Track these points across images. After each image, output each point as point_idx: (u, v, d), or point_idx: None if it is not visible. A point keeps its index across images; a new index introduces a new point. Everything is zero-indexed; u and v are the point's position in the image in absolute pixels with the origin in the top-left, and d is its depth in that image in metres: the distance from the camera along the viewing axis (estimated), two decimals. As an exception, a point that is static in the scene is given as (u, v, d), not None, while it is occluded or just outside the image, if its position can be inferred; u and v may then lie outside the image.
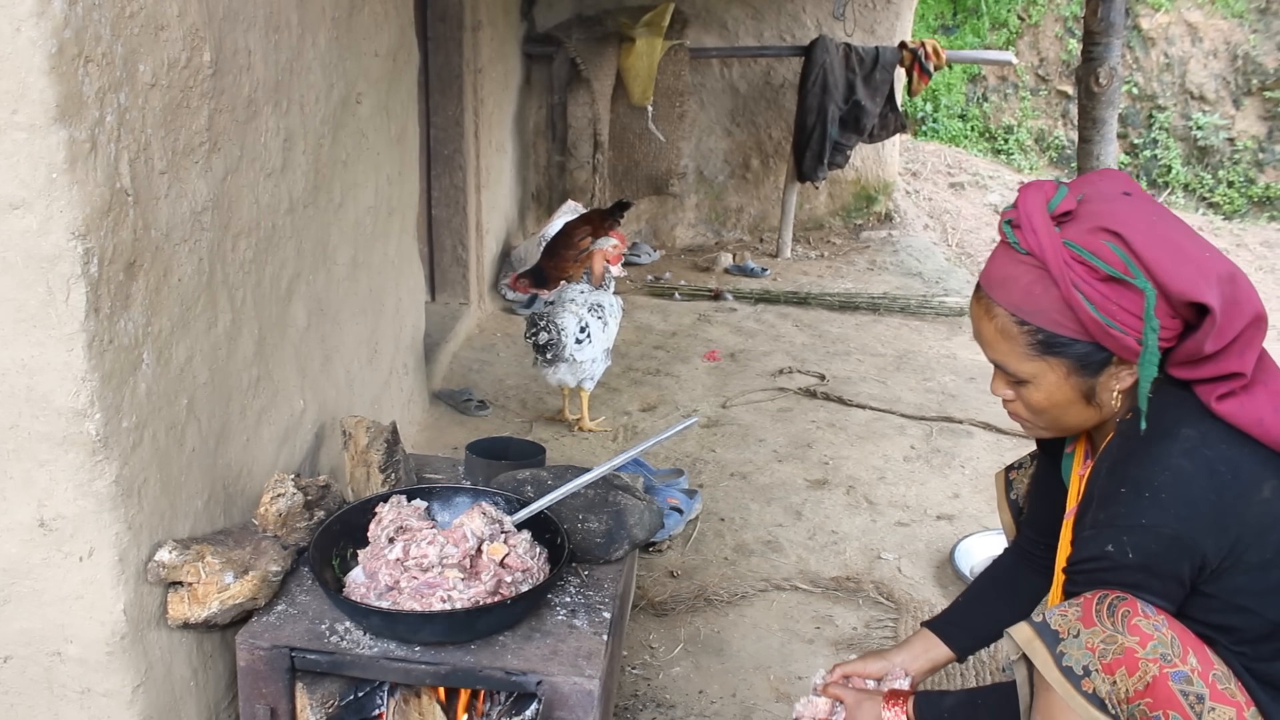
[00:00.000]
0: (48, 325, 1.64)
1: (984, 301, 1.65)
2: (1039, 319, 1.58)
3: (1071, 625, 1.54)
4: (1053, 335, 1.58)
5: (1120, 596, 1.53)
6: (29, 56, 1.51)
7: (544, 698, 1.92)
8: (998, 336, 1.64)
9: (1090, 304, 1.53)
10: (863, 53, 6.33)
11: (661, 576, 3.11)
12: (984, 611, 2.09)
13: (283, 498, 2.11)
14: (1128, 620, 1.50)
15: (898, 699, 1.89)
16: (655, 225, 6.99)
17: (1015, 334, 1.61)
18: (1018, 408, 1.72)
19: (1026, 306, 1.58)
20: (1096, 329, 1.54)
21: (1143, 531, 1.52)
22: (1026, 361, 1.62)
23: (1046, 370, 1.61)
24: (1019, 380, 1.66)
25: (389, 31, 3.16)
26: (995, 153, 9.66)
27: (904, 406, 4.42)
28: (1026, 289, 1.58)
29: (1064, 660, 1.53)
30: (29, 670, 1.87)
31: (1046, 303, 1.57)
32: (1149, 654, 1.47)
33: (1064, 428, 1.72)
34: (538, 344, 3.83)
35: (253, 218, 2.19)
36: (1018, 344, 1.61)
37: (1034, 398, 1.66)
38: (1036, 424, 1.73)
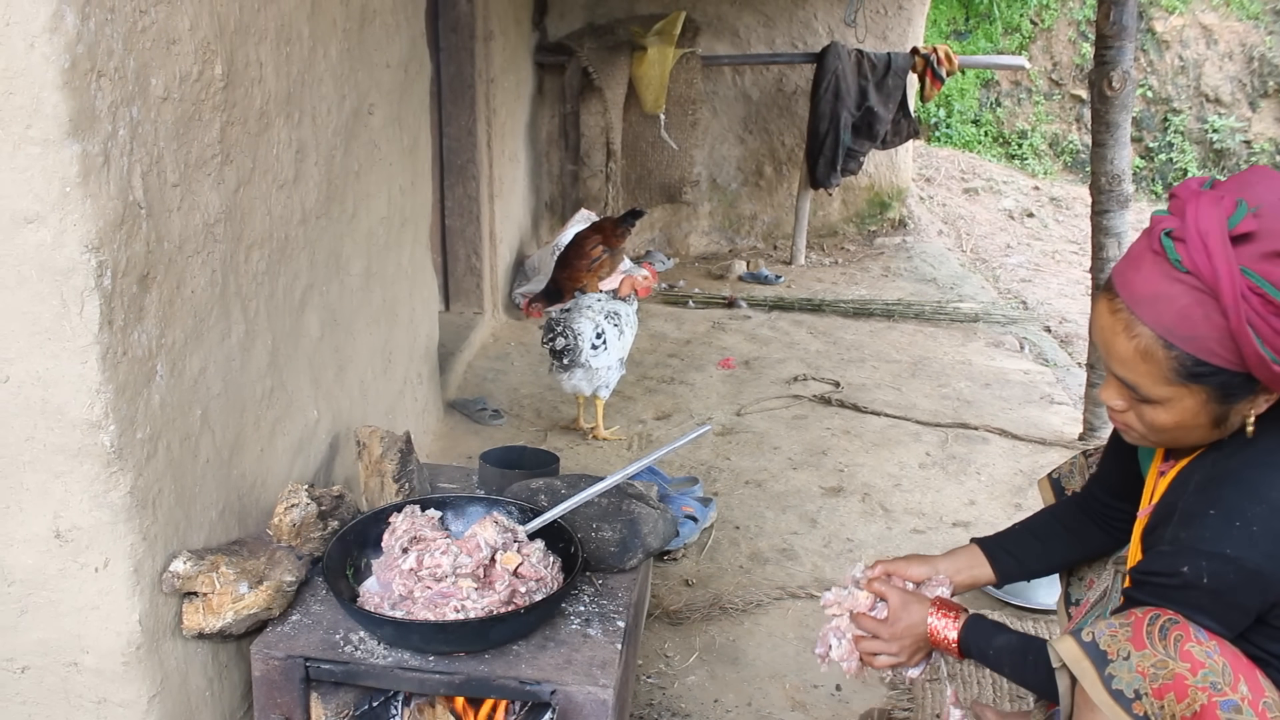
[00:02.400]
0: (62, 338, 1.65)
1: (1123, 317, 1.51)
2: (1191, 346, 1.46)
3: (1121, 647, 1.49)
4: (1202, 364, 1.46)
5: (1173, 619, 1.48)
6: (42, 72, 1.52)
7: (558, 707, 1.92)
8: (1137, 358, 1.51)
9: (1260, 339, 1.41)
10: (875, 59, 6.33)
11: (676, 585, 3.10)
12: (1039, 547, 2.05)
13: (296, 508, 2.12)
14: (1180, 645, 1.46)
15: (949, 610, 1.86)
16: (669, 233, 7.00)
17: (1160, 358, 1.49)
18: (1130, 419, 1.61)
19: (1179, 331, 1.45)
20: (1257, 363, 1.43)
21: (1225, 562, 1.46)
22: (1164, 385, 1.51)
23: (1185, 395, 1.50)
24: (1146, 399, 1.55)
25: (400, 43, 3.17)
26: (1009, 158, 9.64)
27: (919, 413, 4.41)
28: (1183, 312, 1.45)
29: (1113, 684, 1.48)
30: (46, 680, 1.88)
31: (1206, 330, 1.44)
32: (1199, 681, 1.43)
33: (1179, 444, 1.62)
34: (554, 349, 3.83)
35: (265, 229, 2.21)
36: (1159, 367, 1.49)
37: (1159, 418, 1.55)
38: (1149, 438, 1.63)
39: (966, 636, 1.84)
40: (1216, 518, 1.49)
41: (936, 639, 1.87)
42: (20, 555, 1.79)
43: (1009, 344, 5.35)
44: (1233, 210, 1.43)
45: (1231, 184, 1.50)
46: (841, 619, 2.00)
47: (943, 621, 1.86)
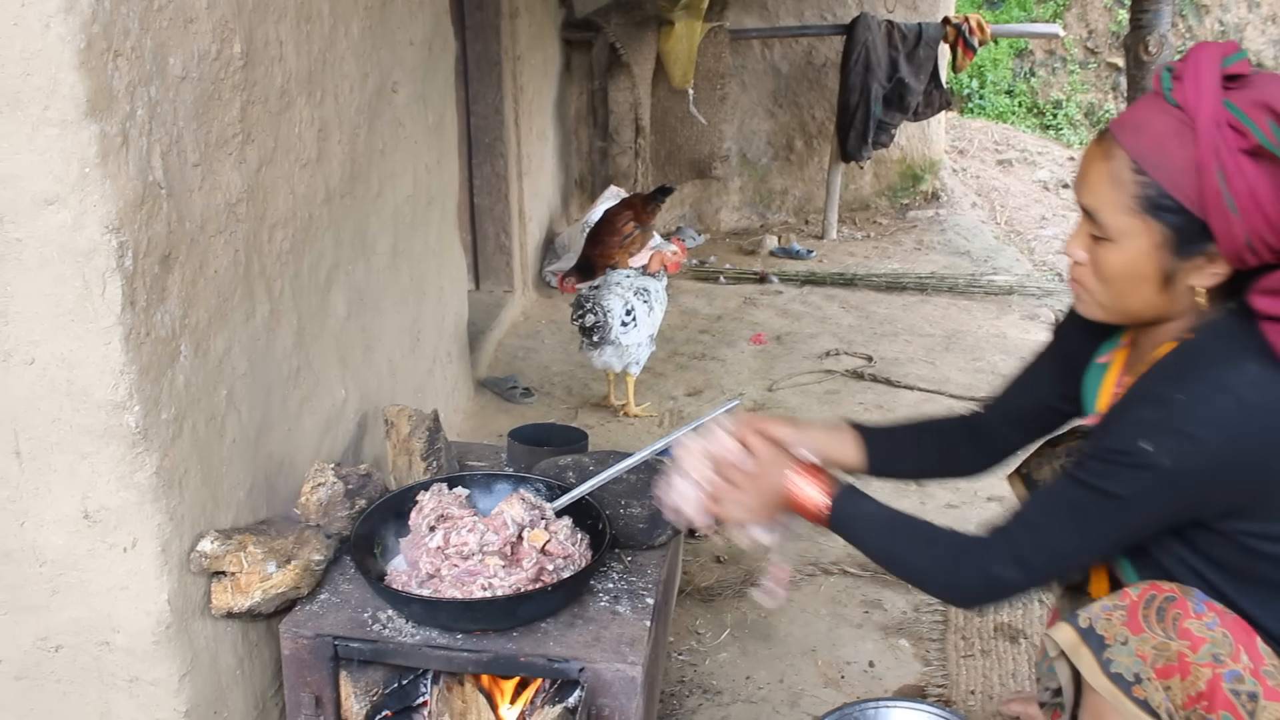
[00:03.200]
0: (85, 319, 1.65)
1: (1106, 142, 1.54)
2: (1159, 174, 1.46)
3: (1118, 631, 1.50)
4: (1165, 195, 1.46)
5: (1170, 596, 1.49)
6: (58, 53, 1.51)
7: (587, 684, 1.91)
8: (1106, 180, 1.52)
9: (1222, 174, 1.41)
10: (905, 29, 6.25)
11: (708, 562, 3.09)
12: (913, 453, 2.01)
13: (323, 487, 2.12)
14: (1178, 624, 1.46)
15: (817, 475, 1.77)
16: (699, 209, 6.96)
17: (1127, 182, 1.49)
18: (1085, 273, 1.61)
19: (1152, 157, 1.47)
20: (1215, 202, 1.42)
21: (1192, 444, 1.43)
22: (1124, 215, 1.50)
23: (1140, 232, 1.50)
24: (1102, 237, 1.54)
25: (423, 20, 3.15)
26: (1044, 128, 9.50)
27: (953, 387, 4.36)
28: (1160, 139, 1.47)
29: (1111, 667, 1.49)
30: (79, 659, 1.89)
31: (1176, 160, 1.45)
32: (1201, 658, 1.43)
33: (1124, 307, 1.59)
34: (584, 326, 3.82)
35: (289, 208, 2.20)
36: (1124, 193, 1.50)
37: (1111, 260, 1.54)
38: (1098, 297, 1.61)
39: (840, 501, 1.74)
40: (1185, 401, 1.45)
41: (799, 501, 1.76)
42: (50, 536, 1.80)
43: (1044, 316, 5.29)
44: (1231, 53, 1.45)
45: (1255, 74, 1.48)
46: (697, 462, 1.84)
47: (809, 485, 1.76)
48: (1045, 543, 1.58)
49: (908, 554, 1.71)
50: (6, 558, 1.82)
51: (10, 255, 1.62)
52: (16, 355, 1.68)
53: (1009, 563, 1.59)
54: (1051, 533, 1.57)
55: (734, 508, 1.81)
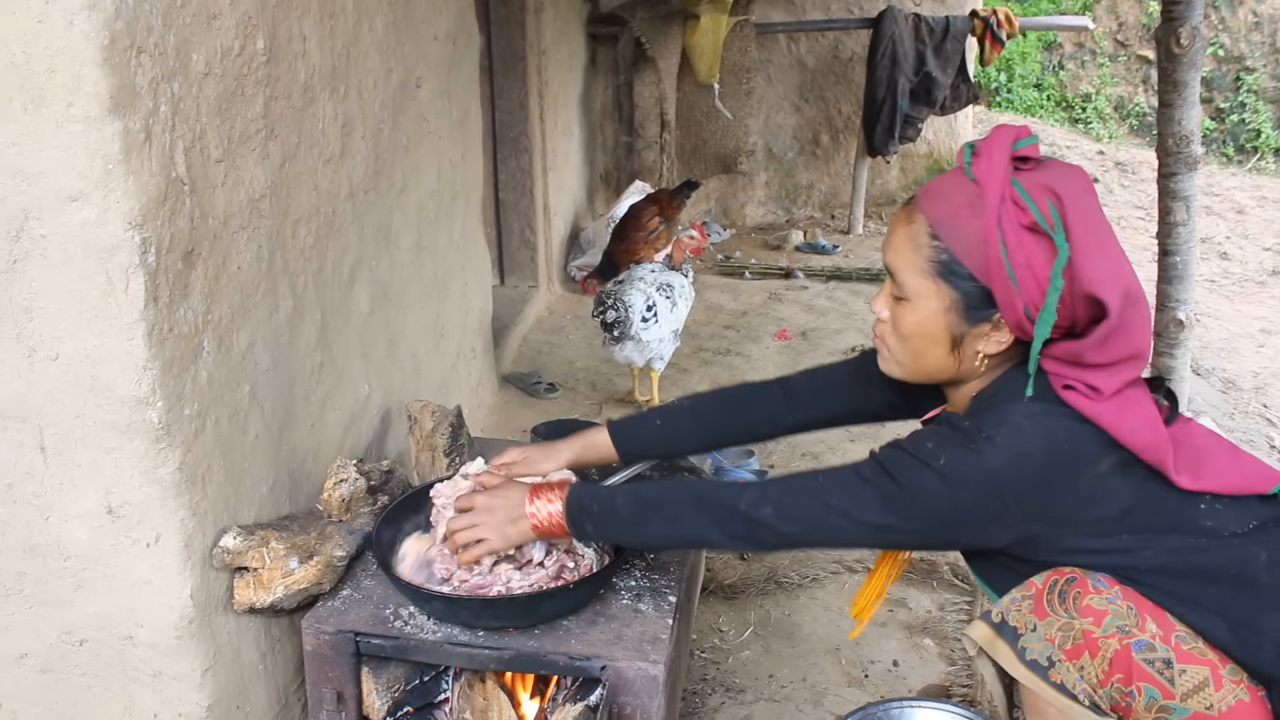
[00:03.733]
0: (108, 315, 1.65)
1: (910, 208, 1.64)
2: (951, 239, 1.56)
3: (1026, 619, 1.56)
4: (955, 261, 1.56)
5: (1070, 578, 1.54)
6: (82, 49, 1.52)
7: (608, 683, 1.90)
8: (905, 242, 1.61)
9: (1004, 245, 1.51)
10: (933, 23, 6.21)
11: (731, 559, 3.08)
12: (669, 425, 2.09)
13: (345, 483, 2.12)
14: (1079, 602, 1.51)
15: (549, 490, 1.84)
16: (725, 204, 6.94)
17: (923, 245, 1.59)
18: (885, 330, 1.69)
19: (946, 224, 1.57)
20: (997, 272, 1.52)
21: (967, 454, 1.52)
22: (919, 276, 1.60)
23: (932, 294, 1.59)
24: (901, 296, 1.63)
25: (448, 15, 3.15)
26: (1072, 122, 9.42)
27: (979, 383, 4.32)
28: (954, 209, 1.56)
29: (1027, 655, 1.54)
30: (103, 654, 1.90)
31: (967, 229, 1.54)
32: (1105, 630, 1.49)
33: (919, 367, 1.68)
34: (605, 321, 3.81)
35: (312, 204, 2.20)
36: (920, 255, 1.59)
37: (906, 320, 1.63)
38: (896, 355, 1.70)
39: (571, 506, 1.81)
40: (969, 427, 1.56)
41: (541, 522, 1.83)
42: (74, 530, 1.81)
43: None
44: (1024, 137, 1.56)
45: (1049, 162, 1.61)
46: (447, 510, 1.99)
47: (543, 502, 1.83)
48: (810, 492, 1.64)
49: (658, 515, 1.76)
50: (31, 552, 1.83)
51: (35, 251, 1.63)
52: (41, 351, 1.69)
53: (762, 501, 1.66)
54: (821, 485, 1.64)
55: (477, 546, 1.88)
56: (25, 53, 1.52)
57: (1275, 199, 7.58)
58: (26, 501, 1.80)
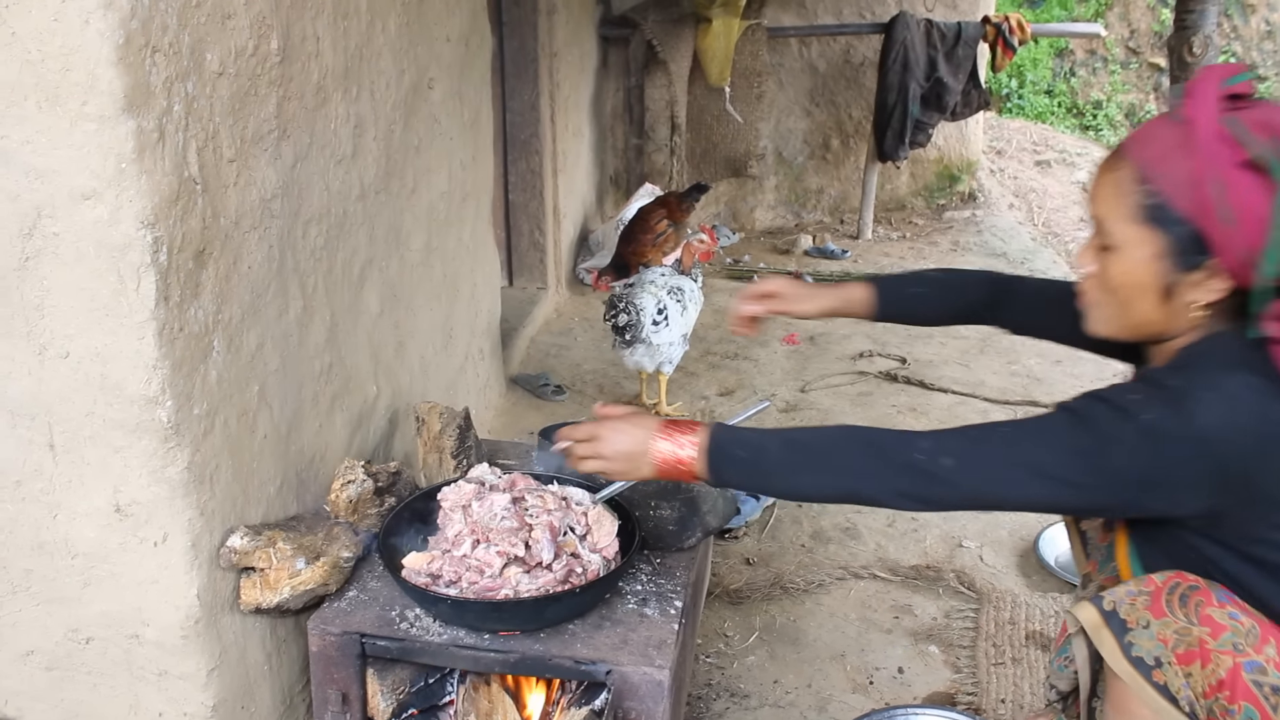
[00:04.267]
0: (119, 314, 1.65)
1: (1115, 155, 1.58)
2: (1160, 183, 1.49)
3: (1140, 615, 1.49)
4: (1165, 205, 1.49)
5: (1194, 585, 1.48)
6: (97, 48, 1.52)
7: (613, 687, 1.90)
8: (1111, 189, 1.55)
9: (1218, 184, 1.45)
10: (944, 28, 6.19)
11: (737, 564, 3.07)
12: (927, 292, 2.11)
13: (353, 484, 2.12)
14: (1200, 610, 1.46)
15: (682, 431, 1.67)
16: (734, 207, 6.93)
17: (1130, 190, 1.52)
18: (1092, 284, 1.63)
19: (1154, 167, 1.50)
20: (1211, 213, 1.45)
21: (1176, 413, 1.43)
22: (1126, 224, 1.53)
23: (1141, 241, 1.52)
24: (1107, 246, 1.57)
25: (460, 16, 3.15)
26: (1083, 129, 9.40)
27: (987, 390, 4.32)
28: (1163, 151, 1.50)
29: (1133, 650, 1.48)
30: (110, 652, 1.90)
31: (1177, 170, 1.48)
32: (1221, 645, 1.43)
33: (1128, 321, 1.60)
34: (616, 325, 3.80)
35: (323, 204, 2.20)
36: (1126, 201, 1.53)
37: (1114, 270, 1.57)
38: (1103, 308, 1.63)
39: (712, 451, 1.64)
40: (1178, 387, 1.47)
41: (668, 462, 1.67)
42: (82, 529, 1.81)
43: (1082, 320, 5.22)
44: (1235, 74, 1.49)
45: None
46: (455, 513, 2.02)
47: (672, 444, 1.66)
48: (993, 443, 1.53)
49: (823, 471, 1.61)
50: (39, 550, 1.83)
51: (47, 249, 1.63)
52: (52, 349, 1.69)
53: (939, 451, 1.54)
54: (1005, 437, 1.53)
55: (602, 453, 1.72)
56: (40, 51, 1.52)
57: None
58: (35, 499, 1.80)
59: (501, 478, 2.20)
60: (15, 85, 1.54)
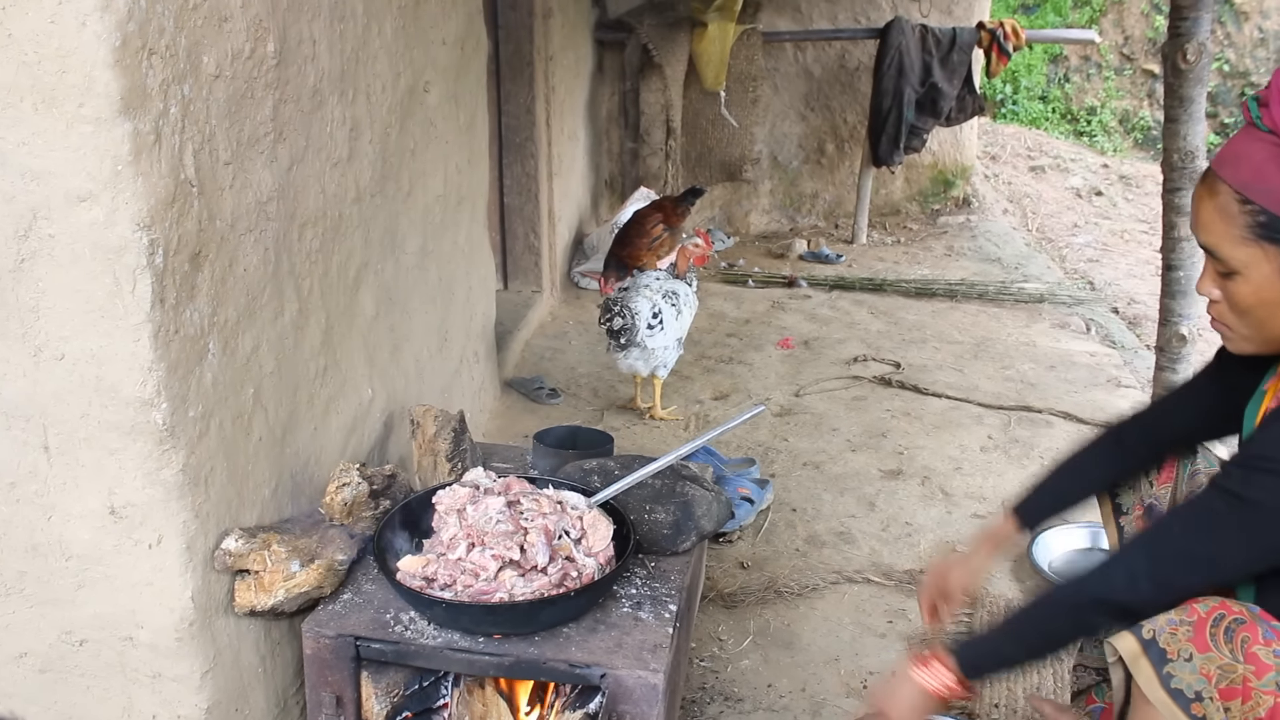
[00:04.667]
0: (115, 316, 1.65)
1: (1209, 180, 1.54)
2: (1265, 199, 1.47)
3: (1183, 647, 1.47)
4: (1275, 219, 1.47)
5: (1239, 619, 1.45)
6: (94, 50, 1.52)
7: (608, 690, 1.90)
8: (1216, 216, 1.52)
9: None
10: (939, 34, 6.21)
11: (731, 567, 3.08)
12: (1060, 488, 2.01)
13: (348, 487, 2.12)
14: (1246, 647, 1.43)
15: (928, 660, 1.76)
16: (729, 211, 6.94)
17: (1235, 213, 1.50)
18: (1222, 310, 1.60)
19: (1255, 184, 1.48)
20: None
21: None
22: (1241, 246, 1.50)
23: (1261, 259, 1.50)
24: (1228, 272, 1.54)
25: (456, 19, 3.15)
26: (1077, 135, 9.42)
27: (981, 395, 4.33)
28: (1259, 166, 1.48)
29: (1172, 683, 1.46)
30: (103, 654, 1.90)
31: (1278, 182, 1.46)
32: (1265, 684, 1.41)
33: (1268, 337, 1.57)
34: (611, 329, 3.81)
35: (319, 207, 2.20)
36: (1235, 225, 1.50)
37: (1241, 292, 1.54)
38: (1240, 329, 1.60)
39: (968, 670, 1.72)
40: None
41: (938, 690, 1.75)
42: (77, 530, 1.81)
43: (1075, 325, 5.24)
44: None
45: None
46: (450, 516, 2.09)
47: (930, 671, 1.75)
48: (1174, 551, 1.55)
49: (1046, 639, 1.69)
50: (33, 551, 1.83)
51: (43, 251, 1.63)
52: (47, 350, 1.69)
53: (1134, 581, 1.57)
54: (1182, 539, 1.54)
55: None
56: (37, 53, 1.52)
57: (1279, 215, 7.57)
58: (29, 501, 1.80)
59: (496, 481, 2.20)
60: (11, 87, 1.54)
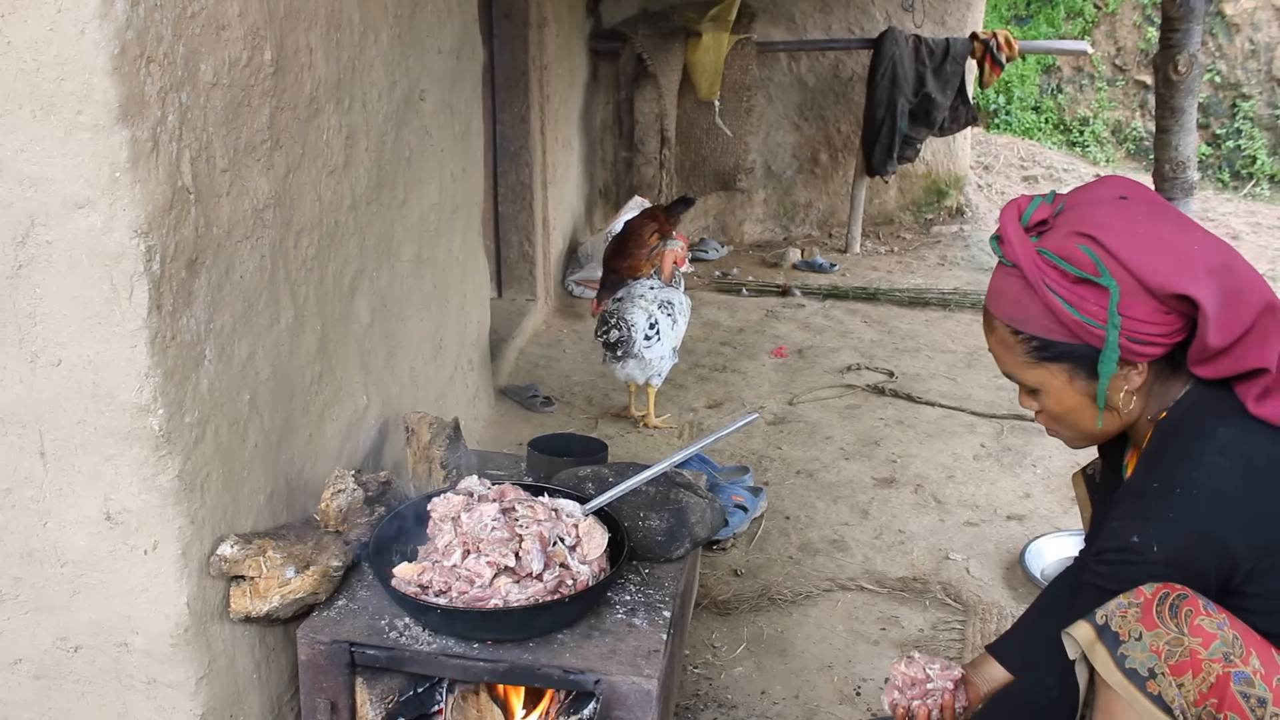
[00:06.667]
0: (112, 322, 1.66)
1: (987, 317, 1.70)
2: (1029, 326, 1.61)
3: (1132, 627, 1.51)
4: (1045, 341, 1.61)
5: (1182, 595, 1.50)
6: (93, 58, 1.53)
7: (602, 697, 1.91)
8: (1000, 348, 1.68)
9: (1068, 306, 1.56)
10: (933, 44, 6.24)
11: (725, 575, 3.08)
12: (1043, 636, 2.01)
13: (343, 493, 2.12)
14: (1190, 620, 1.48)
15: None
16: (723, 221, 6.96)
17: (1013, 344, 1.65)
18: (1046, 419, 1.74)
19: (1018, 315, 1.62)
20: (1080, 330, 1.56)
21: (1170, 526, 1.52)
22: (1029, 370, 1.65)
23: (1049, 377, 1.64)
24: (1031, 390, 1.69)
25: (452, 28, 3.16)
26: (1070, 145, 9.46)
27: (974, 404, 4.34)
28: (1015, 299, 1.62)
29: (1126, 663, 1.51)
30: (98, 660, 1.90)
31: (1033, 310, 1.60)
32: (1212, 654, 1.46)
33: (1090, 434, 1.72)
34: (608, 342, 3.81)
35: (315, 215, 2.21)
36: (1017, 353, 1.65)
37: (1048, 405, 1.69)
38: (1064, 433, 1.75)
39: None
40: (1159, 488, 1.55)
41: None
42: (72, 536, 1.81)
43: (1068, 334, 5.25)
44: (1026, 206, 1.64)
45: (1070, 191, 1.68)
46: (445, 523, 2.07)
47: None
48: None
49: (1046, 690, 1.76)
50: (29, 557, 1.83)
51: (40, 257, 1.64)
52: (44, 356, 1.69)
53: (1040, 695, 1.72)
54: None
55: None
56: (36, 60, 1.53)
57: (1270, 225, 7.61)
58: (25, 506, 1.80)
59: (491, 488, 2.21)
60: (10, 94, 1.55)
